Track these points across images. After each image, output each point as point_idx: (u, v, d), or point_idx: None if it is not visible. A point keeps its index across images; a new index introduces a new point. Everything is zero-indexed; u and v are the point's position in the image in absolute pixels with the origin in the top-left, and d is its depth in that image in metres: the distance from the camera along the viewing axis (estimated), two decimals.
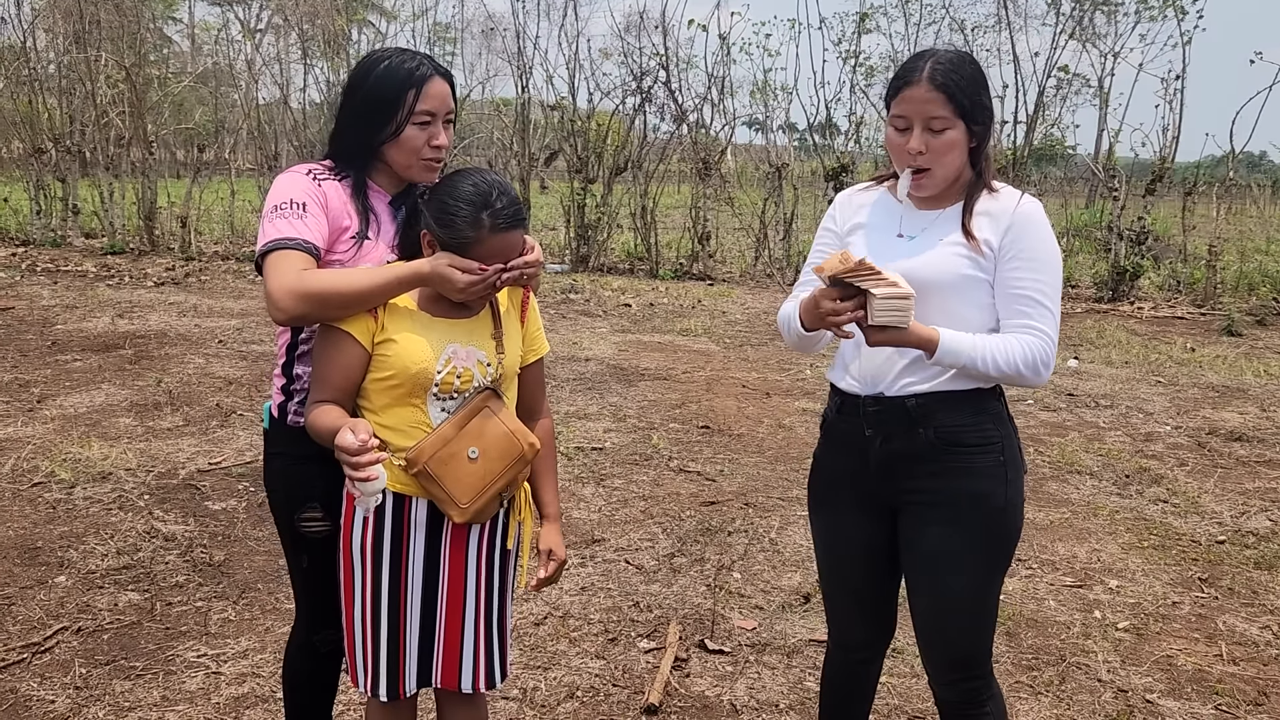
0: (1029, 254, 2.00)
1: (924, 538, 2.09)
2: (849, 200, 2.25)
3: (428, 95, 2.06)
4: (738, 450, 5.62)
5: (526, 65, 13.62)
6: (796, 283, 2.29)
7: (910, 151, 2.01)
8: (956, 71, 1.98)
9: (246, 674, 3.17)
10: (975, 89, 2.00)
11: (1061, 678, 3.30)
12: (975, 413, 2.06)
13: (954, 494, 2.05)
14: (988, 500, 2.05)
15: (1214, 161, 13.91)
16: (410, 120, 2.06)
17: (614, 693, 3.13)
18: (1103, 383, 7.62)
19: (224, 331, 8.37)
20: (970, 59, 2.04)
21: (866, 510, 2.18)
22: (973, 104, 1.99)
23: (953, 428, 2.04)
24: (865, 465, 2.13)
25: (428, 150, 2.09)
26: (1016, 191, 2.07)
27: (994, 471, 2.06)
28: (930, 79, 1.97)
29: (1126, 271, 11.61)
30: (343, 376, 2.01)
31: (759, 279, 12.83)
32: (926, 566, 2.11)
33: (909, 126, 2.01)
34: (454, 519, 2.03)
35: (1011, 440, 2.11)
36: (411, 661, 2.11)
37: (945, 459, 2.05)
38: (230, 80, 15.68)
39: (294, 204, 2.01)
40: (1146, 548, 4.41)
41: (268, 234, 1.99)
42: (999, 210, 2.03)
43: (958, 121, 1.98)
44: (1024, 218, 2.02)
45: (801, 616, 3.67)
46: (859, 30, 13.20)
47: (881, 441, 2.09)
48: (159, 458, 5.10)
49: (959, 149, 2.01)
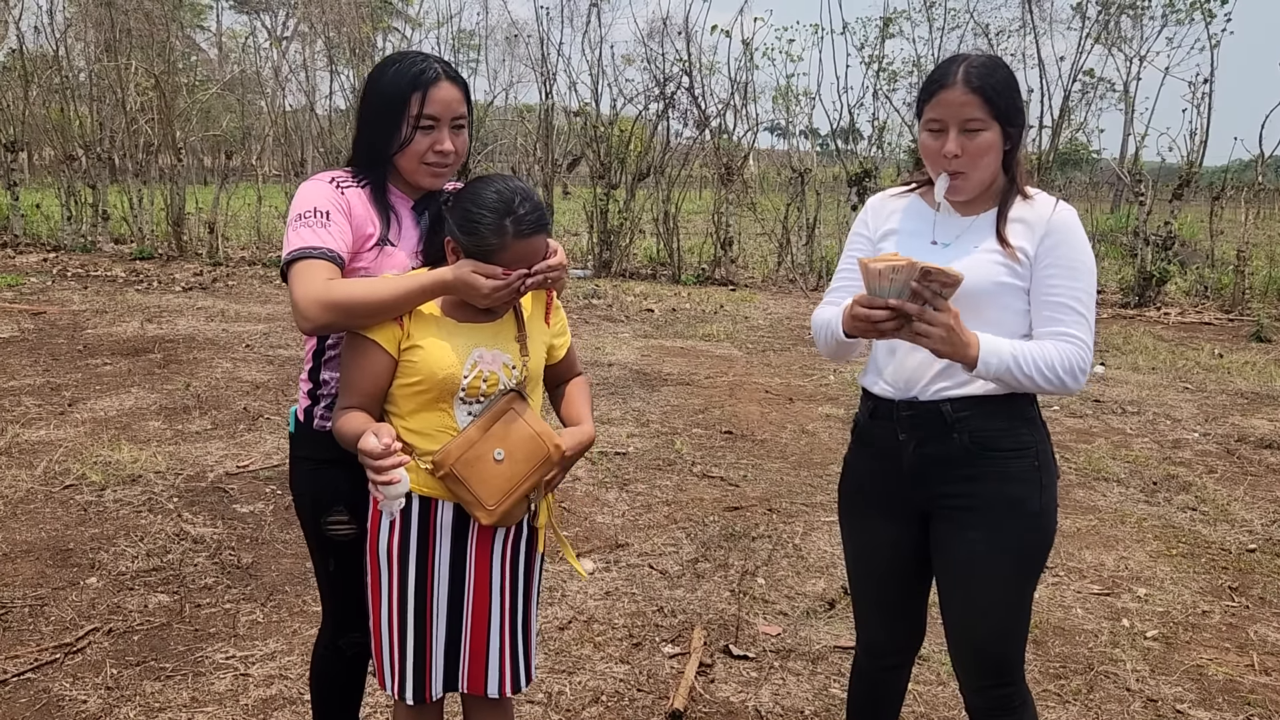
0: (1066, 262, 1.99)
1: (958, 543, 2.08)
2: (881, 205, 2.24)
3: (433, 99, 2.05)
4: (761, 456, 5.62)
5: (550, 72, 13.68)
6: (829, 288, 2.28)
7: (946, 155, 2.00)
8: (991, 74, 1.99)
9: (274, 676, 3.20)
10: (1009, 91, 2.00)
11: (1090, 686, 3.27)
12: (1010, 417, 2.05)
13: (988, 499, 2.04)
14: (1023, 505, 2.04)
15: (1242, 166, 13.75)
16: (415, 126, 2.05)
17: (638, 698, 3.14)
18: (1130, 389, 7.56)
19: (251, 336, 8.44)
20: (1002, 63, 2.05)
21: (898, 515, 2.17)
22: (1008, 106, 1.99)
23: (988, 432, 2.04)
24: (898, 470, 2.12)
25: (431, 155, 2.08)
26: (1051, 198, 2.06)
27: (1029, 476, 2.05)
28: (966, 81, 1.97)
29: (1153, 277, 11.51)
30: (370, 383, 2.03)
31: (781, 284, 12.81)
32: (960, 571, 2.10)
33: (944, 129, 2.00)
34: (481, 521, 2.04)
35: (1045, 445, 2.10)
36: (438, 665, 2.12)
37: (980, 464, 2.04)
38: (257, 87, 15.85)
39: (318, 213, 2.03)
40: (1175, 556, 4.37)
41: (292, 243, 2.01)
42: (1034, 218, 2.02)
43: (993, 123, 1.98)
44: (1061, 225, 2.01)
45: (826, 623, 3.66)
46: (882, 35, 13.18)
47: (915, 446, 2.09)
48: (188, 461, 5.15)
49: (994, 151, 2.01)
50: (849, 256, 2.25)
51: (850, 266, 2.23)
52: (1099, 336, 9.61)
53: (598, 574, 4.02)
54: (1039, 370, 1.95)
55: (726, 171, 13.07)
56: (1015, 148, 2.04)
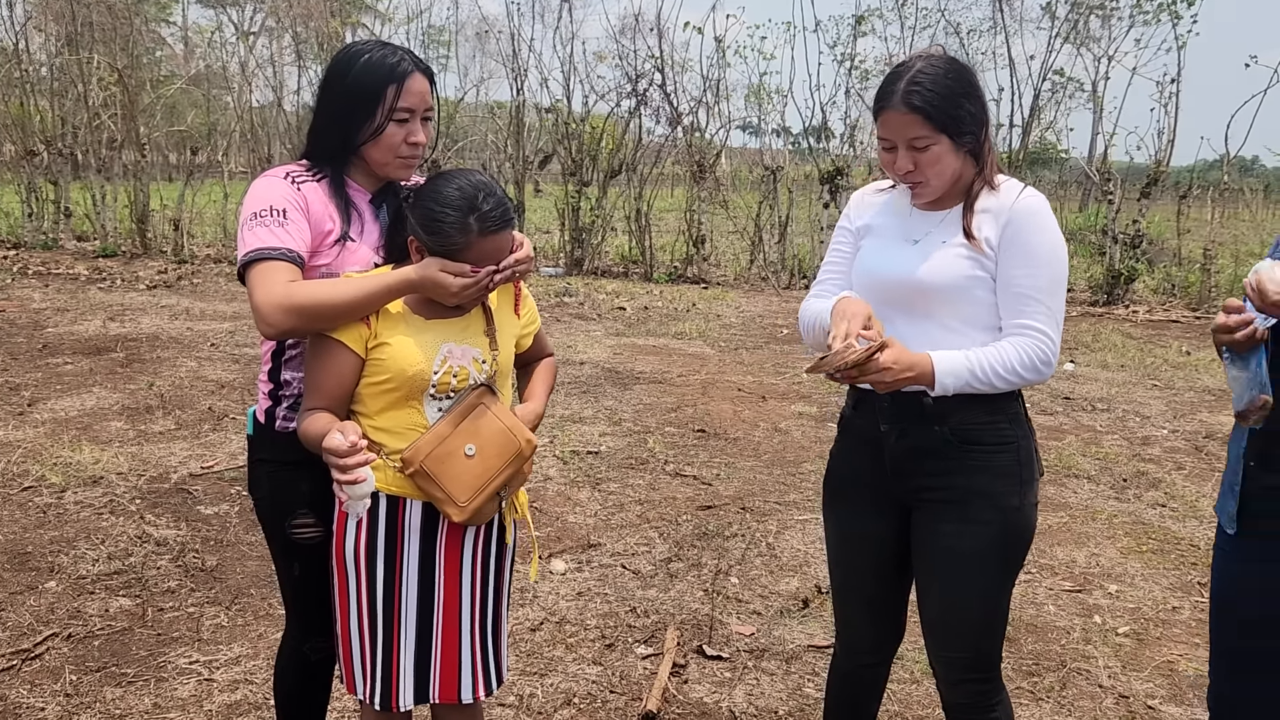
0: (1025, 250, 1.98)
1: (937, 535, 2.08)
2: (862, 199, 2.26)
3: (409, 91, 2.03)
4: (734, 454, 5.59)
5: (521, 68, 13.60)
6: (817, 279, 2.30)
7: (898, 171, 2.02)
8: (931, 88, 1.94)
9: (239, 680, 3.13)
10: (953, 101, 1.96)
11: (1062, 684, 3.27)
12: (992, 412, 2.04)
13: (968, 492, 2.04)
14: (1002, 499, 2.04)
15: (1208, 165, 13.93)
16: (390, 117, 2.02)
17: (611, 699, 3.10)
18: (1099, 386, 7.61)
19: (216, 335, 8.32)
20: (947, 69, 1.98)
21: (881, 509, 2.17)
22: (952, 117, 1.96)
23: (969, 426, 2.03)
24: (880, 461, 2.12)
25: (405, 148, 2.06)
26: (1018, 185, 2.04)
27: (1009, 471, 2.05)
28: (906, 101, 1.95)
29: (1121, 275, 11.61)
30: (336, 384, 1.98)
31: (754, 282, 12.81)
32: (939, 564, 2.09)
33: (894, 147, 2.01)
34: (453, 518, 2.00)
35: (1028, 441, 2.10)
36: (406, 672, 2.07)
37: (961, 456, 2.04)
38: (223, 83, 15.61)
39: (274, 211, 1.97)
40: (1146, 552, 4.39)
41: (248, 243, 1.95)
42: (998, 207, 2.02)
43: (940, 137, 1.96)
44: (1021, 213, 2.00)
45: (800, 622, 3.64)
46: (855, 33, 13.22)
47: (897, 437, 2.08)
48: (151, 462, 5.05)
49: (947, 158, 1.99)
50: (834, 249, 2.27)
51: (835, 259, 2.25)
52: (1069, 334, 9.67)
53: (570, 574, 3.98)
54: (998, 374, 1.96)
55: (699, 169, 13.05)
56: (979, 143, 2.02)
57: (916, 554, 2.15)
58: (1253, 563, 2.02)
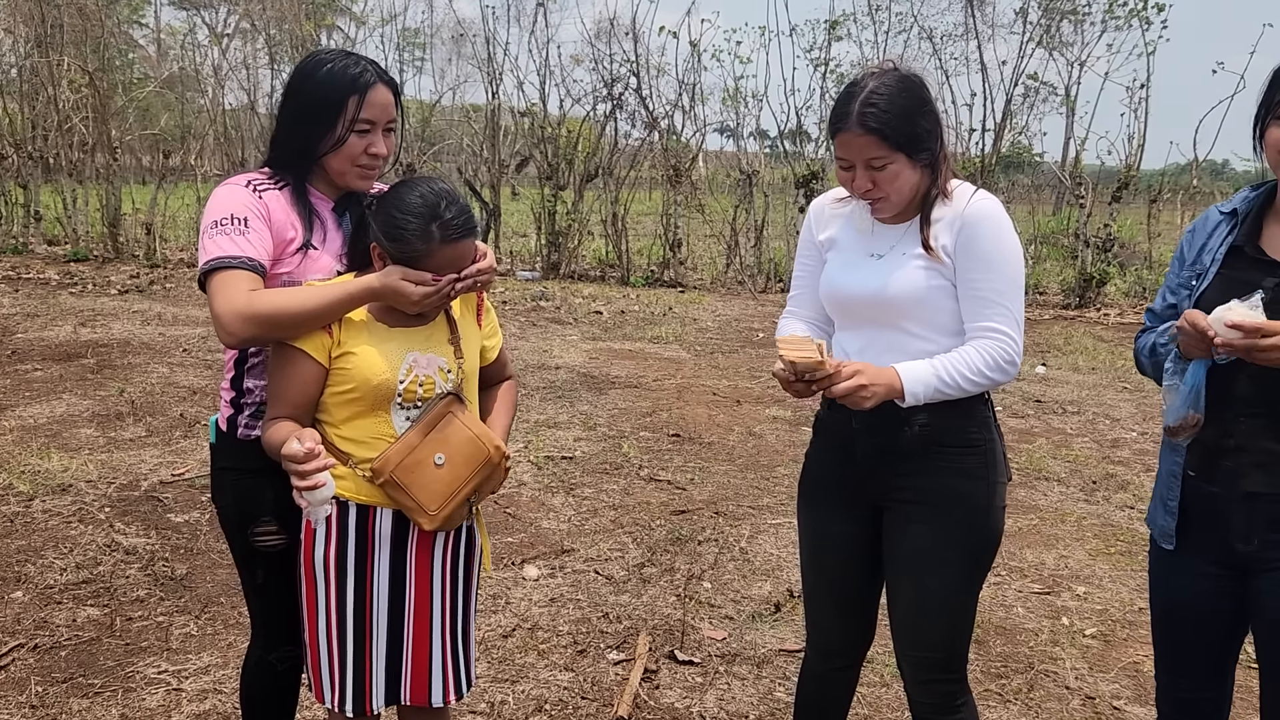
0: (980, 253, 2.01)
1: (906, 536, 2.11)
2: (822, 210, 2.27)
3: (370, 103, 2.03)
4: (708, 458, 5.61)
5: (497, 71, 13.58)
6: (790, 296, 2.36)
7: (857, 190, 2.04)
8: (886, 109, 1.95)
9: (208, 690, 3.11)
10: (908, 119, 1.97)
11: (1030, 685, 3.30)
12: (961, 415, 2.08)
13: (937, 493, 2.08)
14: (969, 501, 2.08)
15: (1178, 169, 14.07)
16: (351, 128, 2.02)
17: (583, 705, 3.10)
18: (1070, 389, 7.69)
19: (189, 340, 8.26)
20: (900, 86, 1.99)
21: (854, 510, 2.19)
22: (908, 135, 1.97)
23: (938, 427, 2.06)
24: (853, 461, 2.15)
25: (364, 158, 2.05)
26: (969, 189, 2.07)
27: (977, 473, 2.09)
28: (861, 123, 1.96)
29: (1093, 278, 11.73)
30: (299, 393, 1.98)
31: (730, 286, 12.84)
32: (908, 564, 2.12)
33: (852, 166, 2.02)
34: (424, 527, 2.01)
35: (996, 445, 2.13)
36: (379, 676, 2.08)
37: (930, 458, 2.07)
38: (197, 85, 15.48)
39: (235, 219, 1.96)
40: (1114, 554, 4.44)
41: (209, 251, 1.94)
42: (951, 214, 2.05)
43: (896, 155, 1.98)
44: (973, 217, 2.02)
45: (772, 626, 3.65)
46: (829, 38, 13.28)
47: (868, 435, 2.11)
48: (120, 469, 5.01)
49: (905, 174, 2.01)
50: (801, 264, 2.31)
51: (804, 274, 2.30)
52: (1040, 337, 9.77)
53: (543, 580, 3.98)
54: (965, 378, 1.99)
55: (675, 173, 13.07)
56: (936, 157, 2.04)
57: (887, 555, 2.18)
58: (1188, 575, 2.06)
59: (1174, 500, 2.06)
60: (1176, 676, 2.16)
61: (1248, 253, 1.96)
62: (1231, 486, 1.95)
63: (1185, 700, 2.16)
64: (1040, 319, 10.98)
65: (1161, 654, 2.19)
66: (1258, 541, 1.94)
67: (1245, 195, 2.03)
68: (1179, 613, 2.11)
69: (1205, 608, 2.06)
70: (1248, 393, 1.91)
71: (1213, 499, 1.99)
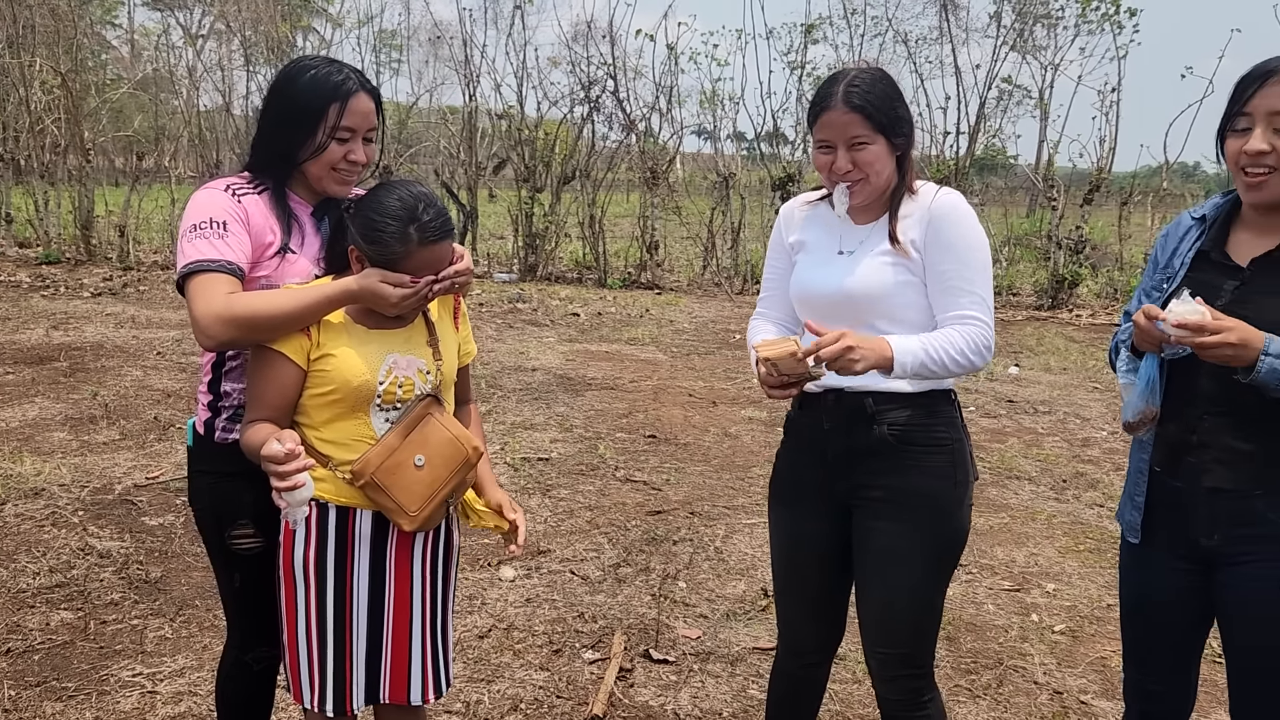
0: (949, 245, 2.07)
1: (875, 534, 2.15)
2: (792, 214, 2.32)
3: (352, 111, 2.05)
4: (684, 459, 5.64)
5: (474, 73, 13.57)
6: (760, 298, 2.40)
7: (838, 171, 2.09)
8: (871, 90, 2.05)
9: (183, 693, 3.11)
10: (890, 104, 2.07)
11: (999, 680, 3.35)
12: (929, 415, 2.12)
13: (905, 492, 2.12)
14: (936, 499, 2.12)
15: (1150, 172, 14.25)
16: (332, 135, 2.04)
17: (558, 704, 3.13)
18: (1042, 389, 7.78)
19: (163, 343, 8.21)
20: (882, 76, 2.11)
21: (824, 509, 2.23)
22: (890, 118, 2.06)
23: (907, 427, 2.11)
24: (824, 461, 2.19)
25: (343, 165, 2.08)
26: (934, 186, 2.14)
27: (944, 472, 2.13)
28: (846, 100, 2.04)
29: (1065, 280, 11.86)
30: (278, 395, 2.00)
31: (707, 288, 12.89)
32: (876, 562, 2.16)
33: (833, 148, 2.08)
34: (404, 528, 2.03)
35: (963, 445, 2.17)
36: (359, 676, 2.09)
37: (899, 457, 2.11)
38: (171, 87, 15.37)
39: (214, 223, 1.98)
40: (1083, 551, 4.51)
41: (188, 255, 1.96)
42: (918, 209, 2.11)
43: (878, 136, 2.06)
44: (940, 211, 2.08)
45: (745, 625, 3.69)
46: (806, 41, 13.36)
47: (839, 435, 2.15)
48: (94, 473, 4.98)
49: (884, 159, 2.08)
50: (771, 267, 2.36)
51: (773, 276, 2.35)
52: (1013, 338, 9.87)
53: (519, 581, 4.00)
54: (949, 356, 2.02)
55: (652, 175, 13.11)
56: (906, 152, 2.12)
57: (856, 553, 2.21)
58: (1155, 569, 2.11)
59: (1140, 496, 2.11)
60: (1143, 669, 2.21)
61: (1213, 258, 2.02)
62: (1195, 482, 2.00)
63: (1151, 692, 2.21)
64: (1013, 320, 11.09)
65: (1129, 647, 2.24)
66: (1219, 536, 1.99)
67: (1216, 202, 2.09)
68: (1146, 606, 2.16)
69: (1171, 601, 2.10)
70: (1211, 391, 1.96)
71: (1177, 494, 2.04)
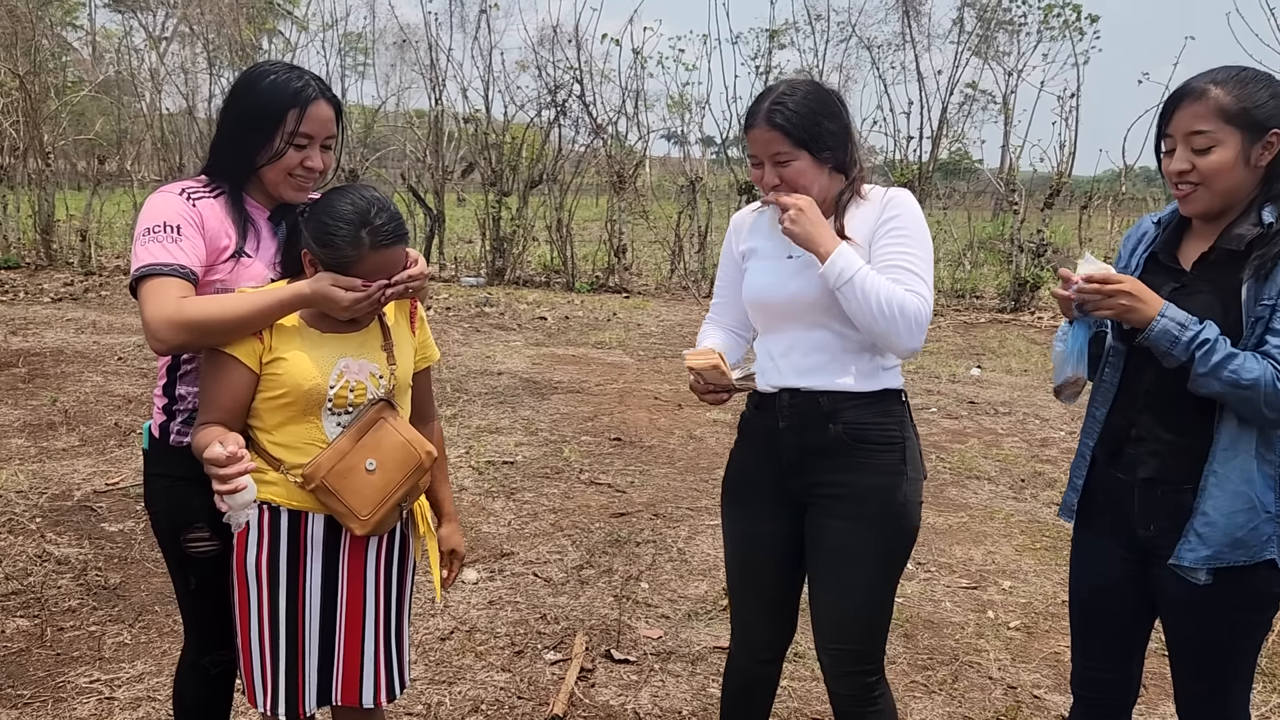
0: (898, 231, 2.12)
1: (828, 531, 2.19)
2: (741, 224, 2.38)
3: (310, 118, 2.06)
4: (649, 462, 5.67)
5: (440, 77, 13.54)
6: (712, 304, 2.48)
7: (766, 187, 2.15)
8: (792, 108, 2.09)
9: (142, 698, 3.10)
10: (813, 119, 2.10)
11: (955, 676, 3.41)
12: (880, 413, 2.18)
13: (857, 490, 2.16)
14: (887, 496, 2.16)
15: (1113, 176, 14.48)
16: (290, 142, 2.05)
17: (519, 705, 3.14)
18: (1003, 390, 7.88)
19: (124, 348, 8.13)
20: (810, 90, 2.13)
21: (776, 505, 2.27)
22: (811, 134, 2.10)
23: (859, 425, 2.16)
24: (778, 459, 2.23)
25: (299, 171, 2.09)
26: (883, 188, 2.19)
27: (895, 469, 2.18)
28: (767, 119, 2.10)
29: (1027, 282, 12.02)
30: (230, 398, 2.00)
31: (674, 291, 12.94)
32: (829, 559, 2.20)
33: (761, 164, 2.15)
34: (355, 531, 2.04)
35: (913, 443, 2.22)
36: (311, 680, 2.10)
37: (851, 455, 2.16)
38: (133, 90, 15.20)
39: (167, 227, 1.99)
40: (1039, 549, 4.58)
41: (140, 258, 1.97)
42: (870, 209, 2.16)
43: (800, 152, 2.10)
44: (893, 204, 2.14)
45: (707, 624, 3.72)
46: (771, 46, 13.45)
47: (794, 434, 2.20)
48: (52, 479, 4.94)
49: (811, 173, 2.12)
50: (722, 274, 2.43)
51: (724, 284, 2.42)
52: (976, 340, 9.99)
53: (482, 584, 4.01)
54: (879, 297, 2.02)
55: (619, 179, 13.14)
56: (843, 160, 2.15)
57: (808, 550, 2.25)
58: (1100, 558, 2.18)
59: (1080, 479, 2.19)
60: (1088, 656, 2.27)
61: (1162, 260, 2.09)
62: (1131, 473, 2.08)
63: (1096, 680, 2.27)
64: (976, 322, 11.22)
65: (1075, 635, 2.30)
66: (1154, 528, 2.05)
67: (1173, 208, 2.16)
68: (1091, 594, 2.22)
69: (1113, 589, 2.17)
70: (1151, 386, 2.04)
71: (1117, 484, 2.11)
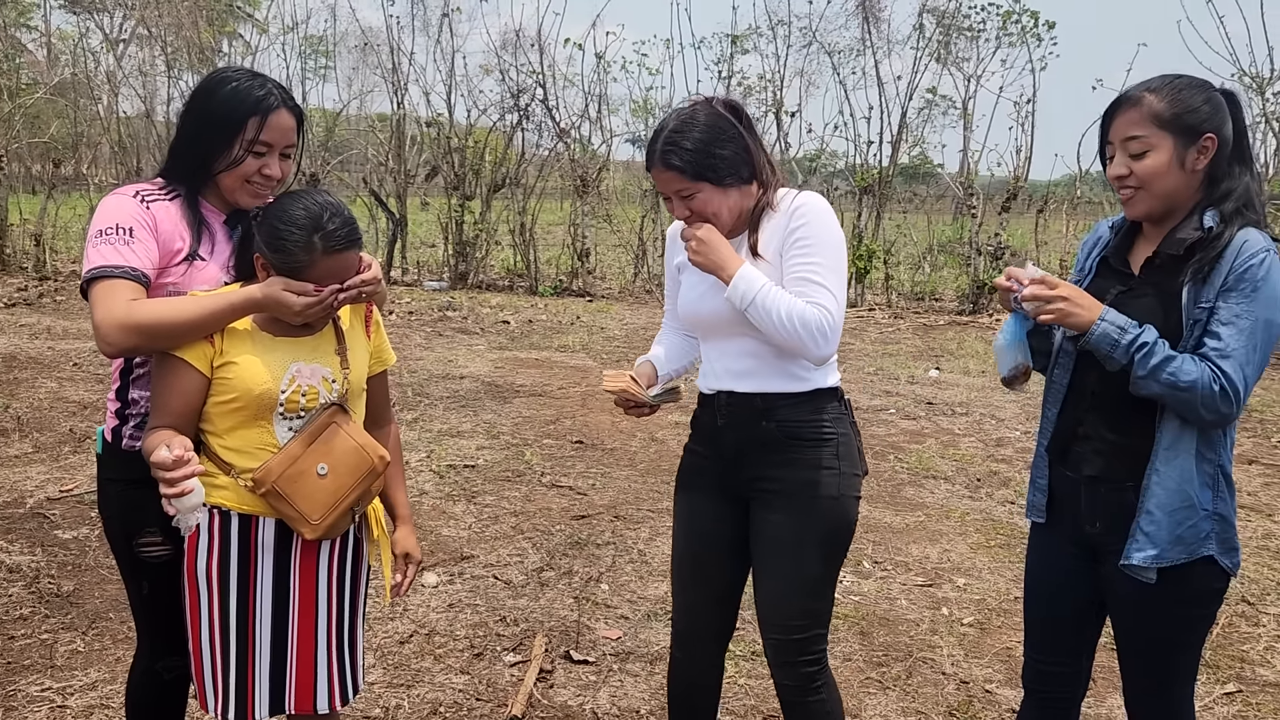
0: (803, 241, 2.15)
1: (766, 524, 2.27)
2: (675, 238, 2.42)
3: (270, 126, 2.06)
4: (610, 464, 5.70)
5: (402, 81, 13.51)
6: (666, 309, 2.54)
7: (679, 218, 2.23)
8: (683, 145, 2.13)
9: (95, 706, 3.07)
10: (705, 152, 2.13)
11: (909, 672, 3.46)
12: (814, 411, 2.24)
13: (793, 484, 2.23)
14: (821, 489, 2.22)
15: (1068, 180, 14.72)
16: (249, 150, 2.05)
17: (477, 707, 3.15)
18: (960, 391, 7.99)
19: (80, 354, 8.02)
20: (698, 122, 2.15)
21: (722, 498, 2.34)
22: (707, 165, 2.13)
23: (792, 423, 2.23)
24: (721, 454, 2.31)
25: (257, 178, 2.09)
26: (793, 193, 2.22)
27: (829, 464, 2.24)
28: (663, 161, 2.15)
29: (985, 285, 12.18)
30: (181, 403, 2.00)
31: (638, 295, 12.98)
32: (768, 551, 2.27)
33: (670, 198, 2.21)
34: (306, 536, 2.04)
35: (849, 439, 2.28)
36: (262, 684, 2.10)
37: (787, 451, 2.23)
38: (90, 92, 15.00)
39: (120, 229, 1.98)
40: (993, 547, 4.66)
41: (92, 260, 1.96)
42: (779, 219, 2.20)
43: (700, 184, 2.15)
44: (796, 212, 2.17)
45: (666, 624, 3.74)
46: (733, 51, 13.55)
47: (731, 431, 2.28)
48: (4, 486, 4.87)
49: (714, 201, 2.17)
50: (668, 284, 2.50)
51: (670, 293, 2.49)
52: (935, 342, 10.12)
53: (441, 587, 4.01)
54: (780, 313, 2.08)
55: (582, 183, 13.16)
56: (749, 173, 2.19)
57: (751, 543, 2.32)
58: (1053, 553, 2.24)
59: (1043, 479, 2.26)
60: (1039, 650, 2.33)
61: (1113, 264, 2.16)
62: (1078, 471, 2.14)
63: (1047, 674, 2.32)
64: (935, 325, 11.36)
65: (1028, 628, 2.36)
66: (1099, 525, 2.11)
67: None
68: (1043, 588, 2.29)
69: (1064, 583, 2.23)
70: (1097, 388, 2.11)
71: (1067, 482, 2.18)
